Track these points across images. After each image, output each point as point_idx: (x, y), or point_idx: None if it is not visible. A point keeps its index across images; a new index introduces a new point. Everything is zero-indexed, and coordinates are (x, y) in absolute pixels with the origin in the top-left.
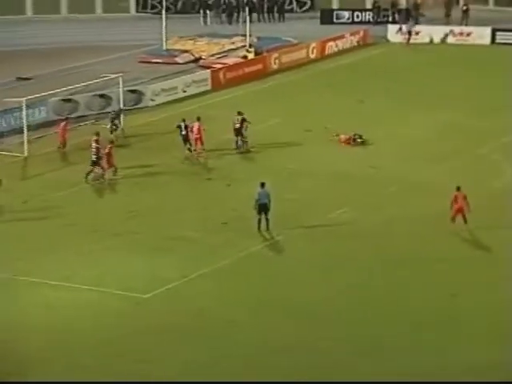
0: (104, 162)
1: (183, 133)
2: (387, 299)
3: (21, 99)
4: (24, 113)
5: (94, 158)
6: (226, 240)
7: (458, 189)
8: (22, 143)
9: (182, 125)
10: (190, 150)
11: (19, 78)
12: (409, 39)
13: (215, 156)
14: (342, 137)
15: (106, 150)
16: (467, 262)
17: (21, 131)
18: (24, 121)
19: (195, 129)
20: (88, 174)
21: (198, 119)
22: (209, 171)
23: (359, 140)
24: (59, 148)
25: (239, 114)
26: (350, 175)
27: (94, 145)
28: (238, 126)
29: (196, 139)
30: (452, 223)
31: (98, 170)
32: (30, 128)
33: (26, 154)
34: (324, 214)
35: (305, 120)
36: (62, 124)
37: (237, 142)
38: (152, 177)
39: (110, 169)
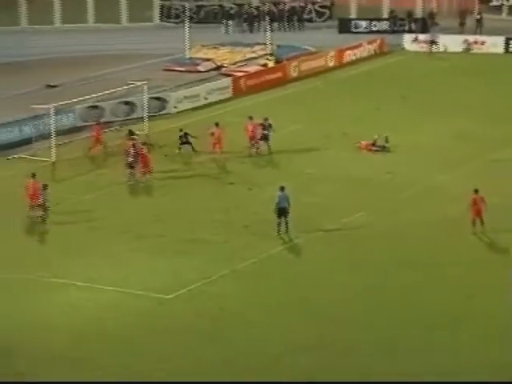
0: (139, 165)
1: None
2: (402, 301)
3: (49, 106)
4: (52, 119)
5: (130, 160)
6: (247, 242)
7: (476, 191)
8: (50, 148)
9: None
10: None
11: (47, 86)
12: (431, 48)
13: (237, 161)
14: (363, 143)
15: (141, 152)
16: (482, 264)
17: (49, 137)
18: (52, 127)
19: (216, 134)
20: (130, 175)
21: (217, 125)
22: (231, 175)
23: (382, 145)
24: (103, 148)
25: (265, 119)
26: (366, 180)
27: (131, 149)
28: (264, 132)
29: (214, 144)
30: (472, 226)
31: (133, 171)
32: (57, 134)
33: (53, 158)
34: (341, 217)
35: (323, 126)
36: (96, 127)
37: (257, 147)
38: (175, 181)
39: (145, 171)
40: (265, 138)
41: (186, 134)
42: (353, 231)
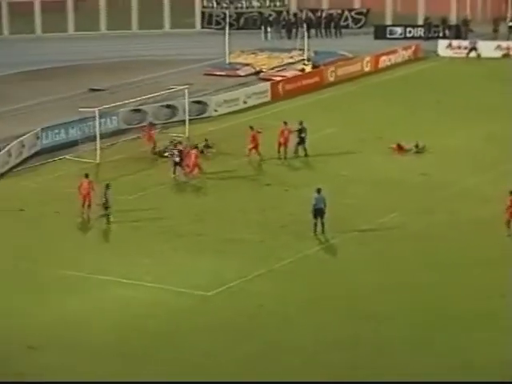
0: (186, 164)
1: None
2: (436, 300)
3: (94, 109)
4: (97, 122)
5: (177, 159)
6: (284, 242)
7: (511, 193)
8: (95, 150)
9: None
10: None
11: (92, 90)
12: (469, 54)
13: (273, 163)
14: (398, 145)
15: (191, 153)
16: None
17: (94, 139)
18: (97, 129)
19: (251, 137)
20: (174, 172)
21: (252, 128)
22: (268, 177)
23: (416, 148)
24: (153, 149)
25: (300, 123)
26: (400, 182)
27: (177, 148)
28: (301, 135)
29: (250, 149)
30: (507, 228)
31: (180, 170)
32: (102, 136)
33: (98, 160)
34: (376, 218)
35: (358, 130)
36: (147, 128)
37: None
38: (214, 182)
39: (193, 171)
40: (301, 141)
41: (207, 145)
42: (387, 231)
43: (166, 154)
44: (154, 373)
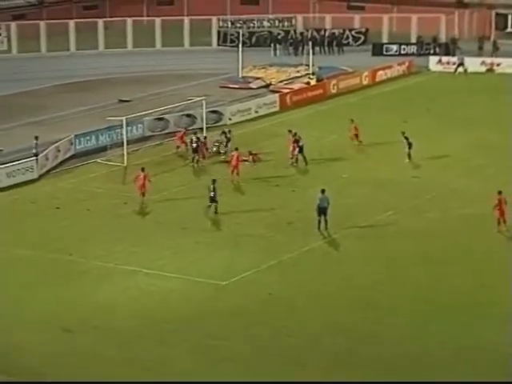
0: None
1: (194, 145)
2: (430, 289)
3: (121, 118)
4: (124, 129)
5: (194, 145)
6: (291, 237)
7: (500, 193)
8: (122, 155)
9: (194, 138)
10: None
11: (120, 100)
12: (457, 68)
13: (282, 166)
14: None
15: (234, 158)
16: (501, 255)
17: (121, 145)
18: (124, 136)
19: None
20: (194, 161)
21: (290, 132)
22: (277, 179)
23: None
24: (177, 149)
25: (292, 132)
26: (395, 183)
27: (194, 138)
28: (300, 144)
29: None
30: (497, 225)
31: (197, 156)
32: (128, 142)
33: (125, 163)
34: (373, 216)
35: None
36: (180, 133)
37: (297, 158)
38: (229, 184)
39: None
40: (300, 150)
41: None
42: (383, 228)
43: (215, 145)
44: (173, 354)
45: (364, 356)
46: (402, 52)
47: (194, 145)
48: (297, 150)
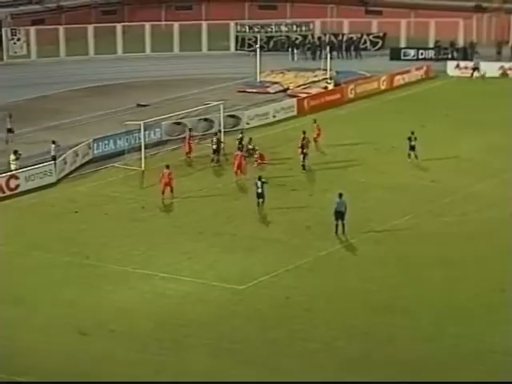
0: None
1: (214, 146)
2: (446, 293)
3: (139, 122)
4: (142, 133)
5: (214, 147)
6: (308, 241)
7: None
8: (140, 159)
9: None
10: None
11: (138, 105)
12: (473, 73)
13: (298, 170)
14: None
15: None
16: None
17: (139, 149)
18: (142, 140)
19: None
20: (212, 160)
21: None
22: (294, 183)
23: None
24: (186, 154)
25: (303, 139)
26: (413, 187)
27: (215, 140)
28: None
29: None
30: None
31: (217, 156)
32: (146, 146)
33: (143, 167)
34: (391, 220)
35: (375, 140)
36: (188, 136)
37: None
38: (246, 188)
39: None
40: (304, 155)
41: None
42: (401, 232)
43: (250, 147)
44: (189, 358)
45: (380, 359)
46: (420, 57)
47: (215, 146)
48: (300, 156)
